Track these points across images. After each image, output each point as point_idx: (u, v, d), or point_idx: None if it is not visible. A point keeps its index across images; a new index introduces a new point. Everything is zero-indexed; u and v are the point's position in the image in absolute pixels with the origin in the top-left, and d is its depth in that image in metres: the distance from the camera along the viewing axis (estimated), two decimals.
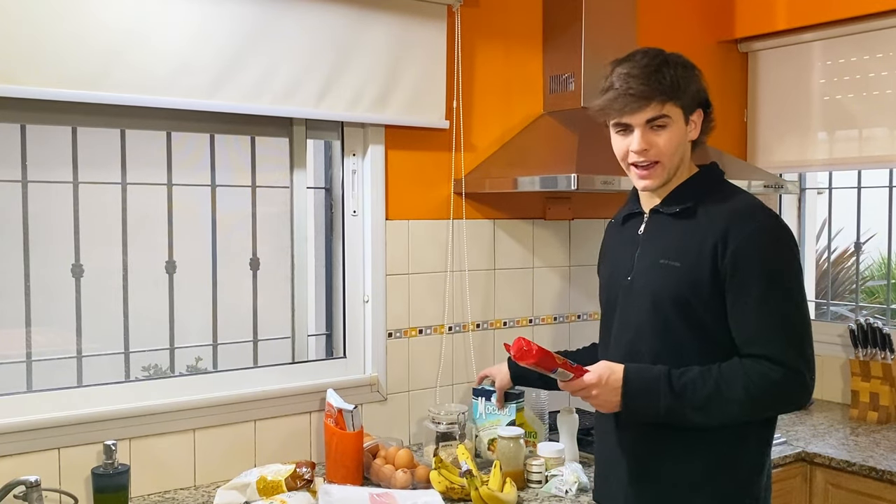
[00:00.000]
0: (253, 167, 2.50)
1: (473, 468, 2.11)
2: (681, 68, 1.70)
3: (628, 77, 1.67)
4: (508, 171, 2.64)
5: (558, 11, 2.83)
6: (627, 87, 1.66)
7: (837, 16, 3.06)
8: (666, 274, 1.70)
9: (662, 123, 1.68)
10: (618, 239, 1.90)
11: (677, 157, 1.72)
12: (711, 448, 1.70)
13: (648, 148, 1.69)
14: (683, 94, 1.69)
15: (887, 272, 4.56)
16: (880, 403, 2.94)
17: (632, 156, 1.71)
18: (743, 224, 1.64)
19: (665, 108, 1.67)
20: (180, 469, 2.25)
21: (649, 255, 1.76)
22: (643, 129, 1.68)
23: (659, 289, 1.71)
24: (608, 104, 1.70)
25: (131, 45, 2.07)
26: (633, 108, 1.67)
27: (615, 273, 1.84)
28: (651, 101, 1.66)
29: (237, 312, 2.50)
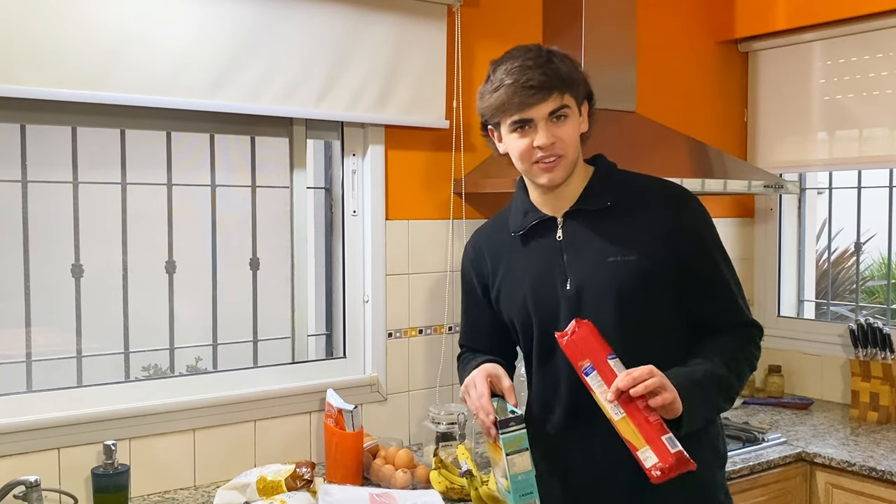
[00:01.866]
0: (253, 167, 2.50)
1: (473, 468, 2.11)
2: (567, 60, 1.63)
3: (523, 69, 1.58)
4: (508, 171, 2.62)
5: (558, 11, 2.83)
6: (527, 79, 1.57)
7: (838, 16, 3.06)
8: (621, 271, 1.62)
9: (564, 114, 1.60)
10: (521, 251, 1.74)
11: (577, 148, 1.65)
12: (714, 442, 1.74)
13: (555, 140, 1.59)
14: (577, 83, 1.63)
15: (887, 272, 4.56)
16: (880, 403, 2.94)
17: (537, 152, 1.61)
18: (685, 205, 1.68)
19: (564, 99, 1.60)
20: (180, 469, 2.25)
21: (588, 258, 1.65)
22: (545, 123, 1.59)
23: (621, 286, 1.61)
24: (507, 100, 1.59)
25: (131, 45, 2.07)
26: (534, 100, 1.57)
27: (541, 288, 1.69)
28: (552, 91, 1.58)
29: (237, 312, 2.50)
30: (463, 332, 1.93)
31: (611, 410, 1.49)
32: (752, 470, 2.48)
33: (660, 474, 1.43)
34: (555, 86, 1.58)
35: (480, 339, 1.88)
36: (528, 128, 1.61)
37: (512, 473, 1.55)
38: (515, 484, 1.54)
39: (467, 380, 1.69)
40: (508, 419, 1.56)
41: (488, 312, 1.84)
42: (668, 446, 1.44)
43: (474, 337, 1.89)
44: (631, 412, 1.47)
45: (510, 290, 1.75)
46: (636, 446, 1.46)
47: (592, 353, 1.52)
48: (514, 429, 1.56)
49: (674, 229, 1.63)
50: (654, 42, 3.12)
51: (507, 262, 1.77)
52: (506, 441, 1.55)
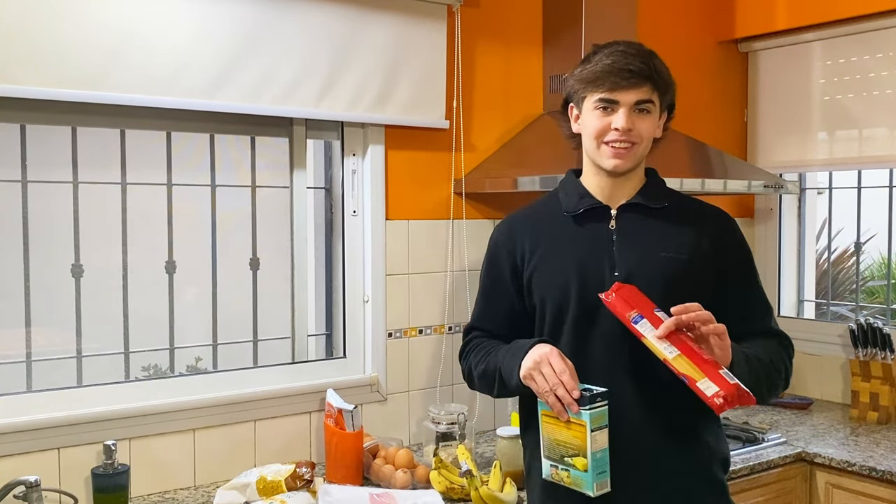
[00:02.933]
0: (253, 167, 2.50)
1: (473, 468, 2.11)
2: (665, 66, 1.71)
3: (626, 54, 1.65)
4: (508, 171, 2.64)
5: (558, 11, 2.83)
6: (627, 63, 1.63)
7: (838, 16, 3.06)
8: (672, 266, 1.68)
9: (648, 108, 1.66)
10: (571, 232, 1.75)
11: (647, 147, 1.71)
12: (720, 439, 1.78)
13: (632, 128, 1.65)
14: (667, 89, 1.70)
15: (887, 272, 4.56)
16: (880, 403, 2.94)
17: (612, 133, 1.66)
18: (727, 222, 1.79)
19: (653, 95, 1.66)
20: (180, 469, 2.25)
21: (641, 250, 1.70)
22: (629, 109, 1.65)
23: (669, 281, 1.66)
24: (601, 76, 1.64)
25: (131, 45, 2.07)
26: (628, 83, 1.63)
27: (588, 271, 1.70)
28: (647, 82, 1.64)
29: (237, 312, 2.50)
30: (476, 314, 1.89)
31: (664, 350, 1.51)
32: (752, 470, 2.48)
33: (722, 402, 1.45)
34: (649, 78, 1.65)
35: (495, 321, 1.84)
36: (612, 109, 1.66)
37: (593, 450, 1.53)
38: (595, 462, 1.53)
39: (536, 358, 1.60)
40: (594, 394, 1.55)
41: (510, 294, 1.81)
42: (727, 378, 1.48)
43: (489, 319, 1.86)
44: (684, 349, 1.51)
45: (551, 268, 1.74)
46: (694, 378, 1.48)
47: (639, 305, 1.57)
48: (600, 404, 1.55)
49: (718, 247, 1.73)
50: (655, 42, 3.07)
51: (549, 241, 1.77)
52: (592, 416, 1.53)
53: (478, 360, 1.81)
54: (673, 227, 1.73)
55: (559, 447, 1.59)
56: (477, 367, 1.80)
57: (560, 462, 1.58)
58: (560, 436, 1.58)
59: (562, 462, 1.58)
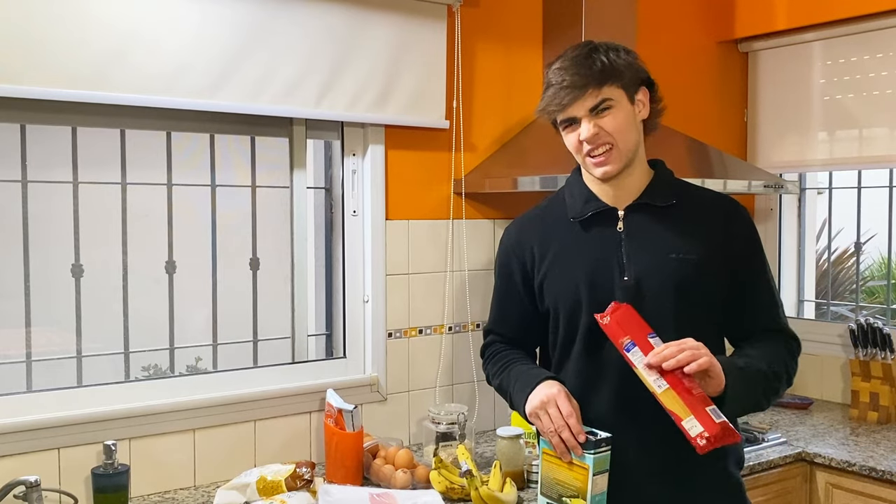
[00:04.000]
0: (253, 167, 2.50)
1: (473, 468, 2.11)
2: (611, 52, 1.68)
3: (560, 71, 1.66)
4: (508, 171, 2.64)
5: (558, 11, 2.83)
6: (562, 81, 1.64)
7: (837, 16, 3.06)
8: (683, 268, 1.66)
9: (606, 106, 1.65)
10: (578, 237, 1.74)
11: (631, 137, 1.68)
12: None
13: (598, 132, 1.65)
14: (620, 74, 1.66)
15: (887, 272, 4.56)
16: (880, 403, 2.94)
17: (584, 146, 1.67)
18: (738, 213, 1.76)
19: (603, 92, 1.64)
20: (180, 469, 2.25)
21: (650, 251, 1.68)
22: (588, 118, 1.65)
23: (680, 283, 1.66)
24: (548, 102, 1.68)
25: (131, 45, 2.07)
26: (570, 99, 1.64)
27: (598, 275, 1.69)
28: (587, 88, 1.63)
29: (237, 312, 2.50)
30: (492, 319, 1.92)
31: (653, 383, 1.51)
32: (752, 470, 2.48)
33: (705, 443, 1.45)
34: (589, 82, 1.63)
35: (510, 327, 1.88)
36: (576, 124, 1.68)
37: (593, 494, 1.57)
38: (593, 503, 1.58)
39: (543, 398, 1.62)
40: (599, 439, 1.58)
41: (522, 301, 1.83)
42: (713, 416, 1.47)
43: (503, 324, 1.89)
44: (673, 383, 1.49)
45: (561, 275, 1.74)
46: (680, 416, 1.47)
47: (633, 330, 1.56)
48: (604, 449, 1.58)
49: (728, 235, 1.71)
50: (655, 42, 3.11)
51: (558, 246, 1.77)
52: (596, 461, 1.57)
53: (495, 371, 1.87)
54: (682, 225, 1.71)
55: (558, 486, 1.62)
56: (494, 378, 1.87)
57: (557, 501, 1.61)
58: (560, 475, 1.61)
59: (559, 501, 1.61)
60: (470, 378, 2.76)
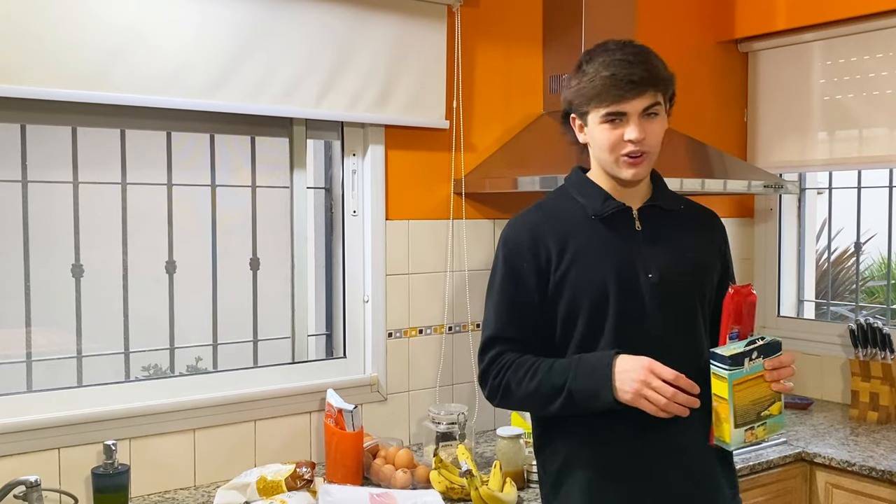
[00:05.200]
0: (253, 167, 2.50)
1: (473, 468, 2.11)
2: (660, 59, 1.68)
3: (623, 63, 1.60)
4: (508, 171, 2.64)
5: (558, 11, 2.83)
6: (628, 73, 1.59)
7: (837, 16, 3.06)
8: (696, 265, 1.72)
9: (656, 111, 1.64)
10: (600, 234, 1.70)
11: (660, 148, 1.70)
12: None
13: (645, 136, 1.62)
14: (669, 84, 1.67)
15: (887, 272, 4.56)
16: (880, 403, 2.94)
17: (627, 146, 1.62)
18: (720, 222, 1.86)
19: (658, 97, 1.64)
20: (180, 469, 2.25)
21: (668, 250, 1.71)
22: (639, 118, 1.62)
23: (696, 279, 1.72)
24: (604, 90, 1.60)
25: (131, 45, 2.07)
26: (633, 94, 1.60)
27: (625, 272, 1.66)
28: (649, 88, 1.61)
29: (237, 312, 2.50)
30: (496, 327, 1.73)
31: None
32: (752, 470, 2.48)
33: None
34: (652, 83, 1.62)
35: (522, 330, 1.71)
36: (620, 121, 1.63)
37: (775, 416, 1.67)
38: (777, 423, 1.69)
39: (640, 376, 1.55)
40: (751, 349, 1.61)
41: (534, 303, 1.70)
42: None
43: (514, 328, 1.71)
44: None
45: (586, 270, 1.67)
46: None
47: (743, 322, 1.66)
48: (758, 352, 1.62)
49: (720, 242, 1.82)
50: (655, 42, 3.08)
51: (578, 243, 1.69)
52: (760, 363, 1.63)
53: (520, 377, 1.67)
54: (688, 228, 1.77)
55: (755, 406, 1.65)
56: (521, 385, 1.67)
57: (756, 420, 1.65)
58: (755, 395, 1.64)
59: (758, 419, 1.65)
60: (470, 378, 2.76)
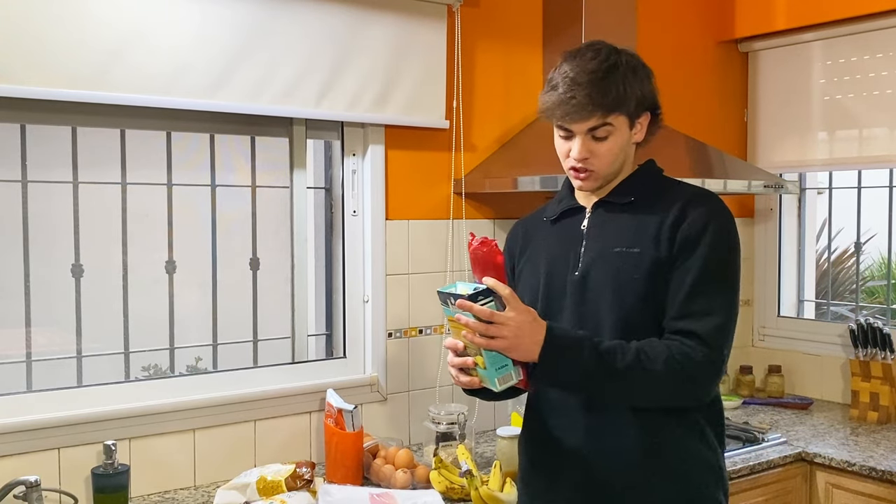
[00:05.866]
0: (253, 167, 2.50)
1: (473, 468, 2.11)
2: (630, 73, 1.63)
3: (573, 84, 1.60)
4: (508, 171, 2.64)
5: (558, 11, 2.83)
6: (571, 96, 1.59)
7: (837, 16, 3.06)
8: (624, 261, 1.62)
9: (604, 134, 1.62)
10: (550, 236, 1.77)
11: (616, 162, 1.67)
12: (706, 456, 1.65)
13: (588, 157, 1.63)
14: (629, 102, 1.62)
15: (887, 272, 4.56)
16: (880, 403, 2.94)
17: (570, 161, 1.66)
18: (699, 204, 1.64)
19: (608, 118, 1.61)
20: (180, 469, 2.25)
21: (599, 247, 1.68)
22: (584, 138, 1.63)
23: (619, 276, 1.62)
24: (550, 109, 1.64)
25: (131, 45, 2.07)
26: (573, 117, 1.61)
27: (555, 271, 1.71)
28: (594, 112, 1.59)
29: (237, 312, 2.50)
30: None
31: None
32: (752, 470, 2.48)
33: None
34: (598, 106, 1.59)
35: None
36: (569, 136, 1.65)
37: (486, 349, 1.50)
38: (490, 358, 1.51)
39: None
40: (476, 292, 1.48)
41: None
42: None
43: None
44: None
45: (529, 272, 1.79)
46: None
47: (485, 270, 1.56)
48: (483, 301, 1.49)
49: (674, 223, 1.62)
50: (655, 42, 3.12)
51: (534, 245, 1.80)
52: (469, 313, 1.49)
53: None
54: (634, 220, 1.67)
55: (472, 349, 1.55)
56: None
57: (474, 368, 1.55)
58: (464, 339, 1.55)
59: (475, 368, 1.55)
60: None
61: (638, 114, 1.66)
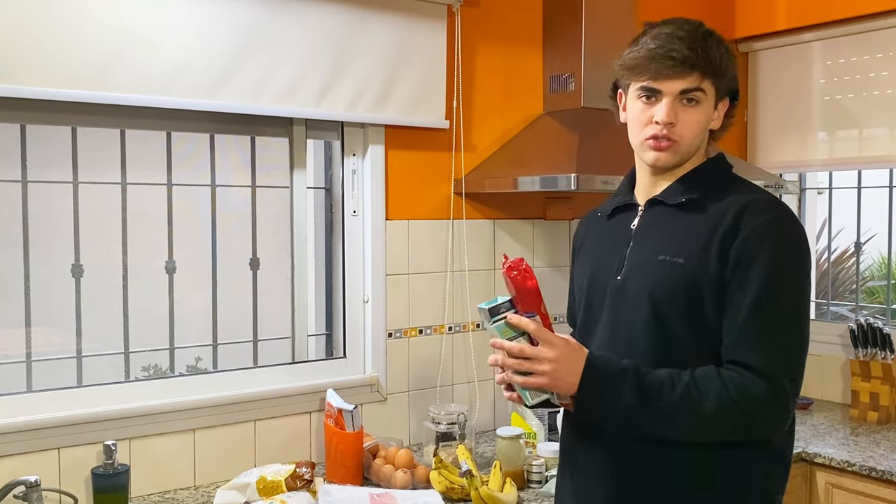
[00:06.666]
0: (253, 167, 2.50)
1: (473, 468, 2.11)
2: (724, 47, 1.53)
3: (672, 38, 1.48)
4: (508, 171, 2.65)
5: (558, 11, 2.83)
6: (670, 49, 1.47)
7: (837, 16, 3.06)
8: (665, 271, 1.47)
9: (696, 97, 1.49)
10: (602, 234, 1.66)
11: (697, 141, 1.53)
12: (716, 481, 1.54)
13: (675, 122, 1.49)
14: (723, 74, 1.52)
15: (887, 272, 4.56)
16: (880, 403, 2.94)
17: (653, 127, 1.50)
18: (758, 213, 1.45)
19: (703, 83, 1.49)
20: (180, 469, 2.25)
21: (645, 251, 1.53)
22: (672, 100, 1.48)
23: (657, 289, 1.47)
24: (643, 63, 1.48)
25: (131, 45, 2.07)
26: (671, 72, 1.47)
27: (599, 272, 1.60)
28: (693, 70, 1.47)
29: (237, 312, 2.50)
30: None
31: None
32: None
33: None
34: (697, 66, 1.48)
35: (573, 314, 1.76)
36: (656, 99, 1.50)
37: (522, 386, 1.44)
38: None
39: None
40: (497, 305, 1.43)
41: None
42: None
43: (569, 312, 1.80)
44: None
45: (579, 272, 1.70)
46: None
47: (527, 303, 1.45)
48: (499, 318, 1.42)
49: (727, 235, 1.45)
50: None
51: (587, 243, 1.72)
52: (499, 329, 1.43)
53: None
54: (684, 225, 1.51)
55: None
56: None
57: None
58: None
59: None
60: (470, 378, 2.76)
61: (723, 94, 1.55)
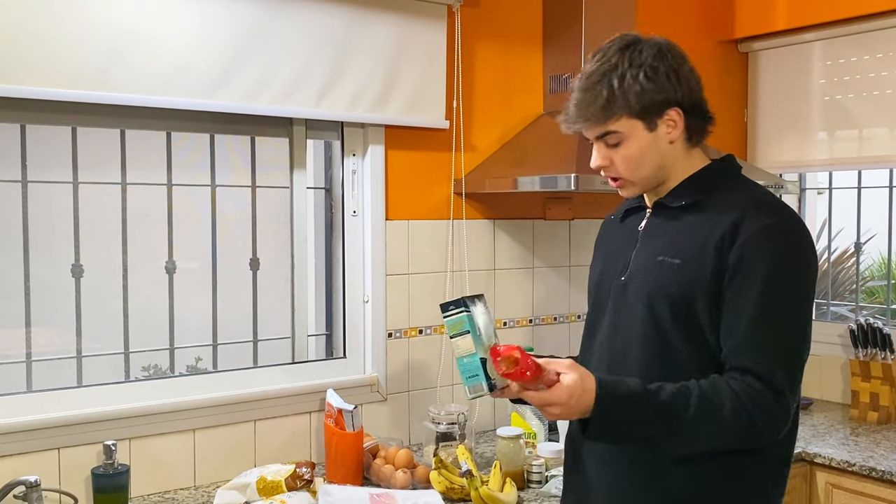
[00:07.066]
0: (253, 167, 2.50)
1: (473, 468, 2.11)
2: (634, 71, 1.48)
3: (576, 91, 1.53)
4: (508, 171, 2.65)
5: (558, 11, 2.83)
6: (570, 105, 1.54)
7: (837, 16, 3.06)
8: (663, 272, 1.50)
9: (614, 141, 1.52)
10: (615, 235, 1.71)
11: (646, 168, 1.53)
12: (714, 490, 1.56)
13: (607, 164, 1.55)
14: (628, 104, 1.47)
15: (887, 272, 4.55)
16: (880, 403, 2.94)
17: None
18: (758, 216, 1.45)
19: (607, 126, 1.50)
20: (180, 469, 2.25)
21: (647, 252, 1.57)
22: (598, 145, 1.54)
23: (654, 289, 1.50)
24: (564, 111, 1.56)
25: (131, 45, 2.07)
26: (582, 124, 1.53)
27: (607, 272, 1.65)
28: (598, 114, 1.49)
29: (237, 312, 2.50)
30: None
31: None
32: None
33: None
34: (591, 117, 1.50)
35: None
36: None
37: (457, 356, 1.49)
38: (462, 367, 1.49)
39: None
40: (449, 302, 1.50)
41: None
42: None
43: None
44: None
45: (592, 270, 1.75)
46: None
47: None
48: (453, 312, 1.49)
49: (726, 237, 1.45)
50: None
51: (604, 241, 1.78)
52: (449, 324, 1.49)
53: None
54: (687, 227, 1.53)
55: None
56: None
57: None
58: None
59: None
60: None
61: (656, 112, 1.50)
